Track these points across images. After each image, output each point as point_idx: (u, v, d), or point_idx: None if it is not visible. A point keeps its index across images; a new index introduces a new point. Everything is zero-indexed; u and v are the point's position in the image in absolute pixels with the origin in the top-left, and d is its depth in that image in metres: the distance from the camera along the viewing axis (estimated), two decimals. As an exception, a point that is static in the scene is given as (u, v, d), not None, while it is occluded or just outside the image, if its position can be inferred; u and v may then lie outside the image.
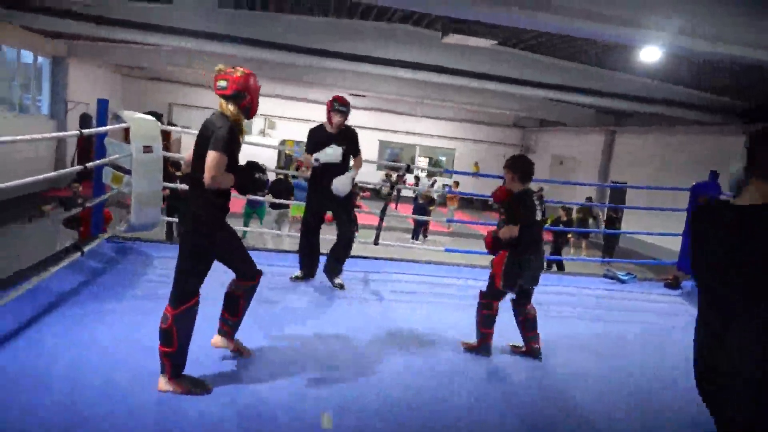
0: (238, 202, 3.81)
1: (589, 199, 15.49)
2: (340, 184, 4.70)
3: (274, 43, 10.06)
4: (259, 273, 3.15)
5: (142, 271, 4.84)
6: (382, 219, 6.11)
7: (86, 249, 4.52)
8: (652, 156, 15.33)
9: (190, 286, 2.84)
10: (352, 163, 4.92)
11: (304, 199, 5.12)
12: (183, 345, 2.80)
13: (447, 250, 6.65)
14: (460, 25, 6.43)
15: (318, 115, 21.70)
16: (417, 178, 19.88)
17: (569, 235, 12.71)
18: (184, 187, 7.88)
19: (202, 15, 9.81)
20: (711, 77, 10.24)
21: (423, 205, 13.84)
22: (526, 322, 3.83)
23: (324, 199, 4.86)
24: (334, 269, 4.99)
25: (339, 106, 4.69)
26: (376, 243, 6.03)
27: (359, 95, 18.59)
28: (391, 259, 6.38)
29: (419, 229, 13.75)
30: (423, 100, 16.94)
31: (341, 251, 4.96)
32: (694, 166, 13.47)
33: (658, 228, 8.47)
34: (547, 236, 12.32)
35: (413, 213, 13.67)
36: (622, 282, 6.53)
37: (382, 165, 21.52)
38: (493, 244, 3.70)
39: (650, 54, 8.21)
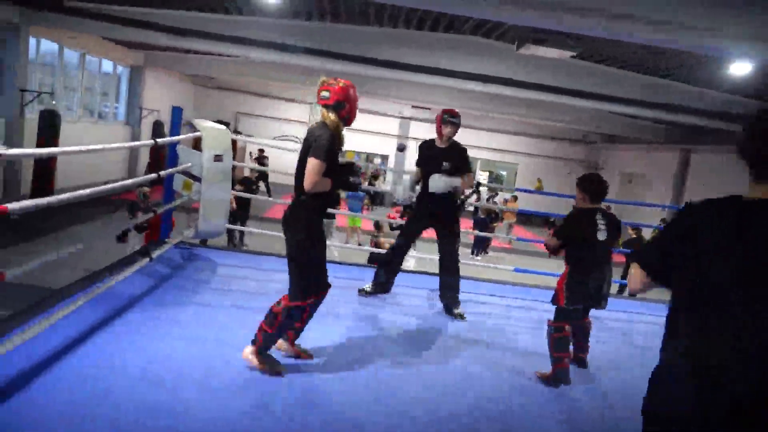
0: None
1: (663, 221, 14.71)
2: (434, 182, 4.50)
3: (339, 53, 10.11)
4: (327, 287, 3.24)
5: (206, 279, 4.87)
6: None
7: (155, 254, 4.56)
8: (732, 176, 14.37)
9: (302, 287, 3.08)
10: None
11: (359, 209, 5.08)
12: (279, 332, 3.09)
13: (517, 271, 6.35)
14: (538, 35, 6.19)
15: (380, 125, 22.02)
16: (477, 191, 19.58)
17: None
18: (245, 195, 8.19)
19: (271, 26, 10.00)
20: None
21: (484, 219, 13.54)
22: (579, 332, 3.81)
23: (425, 219, 4.75)
24: (452, 299, 4.69)
25: (450, 118, 4.55)
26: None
27: (423, 107, 18.55)
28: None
29: (480, 245, 13.44)
30: (488, 113, 16.65)
31: (453, 277, 4.68)
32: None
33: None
34: (621, 258, 11.79)
35: (473, 227, 13.38)
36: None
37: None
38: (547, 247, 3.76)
39: (740, 68, 7.68)
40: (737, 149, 1.55)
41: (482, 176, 23.73)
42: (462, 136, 4.79)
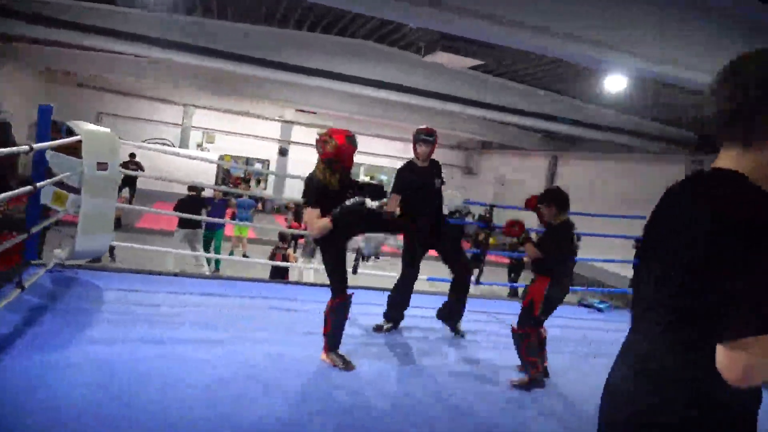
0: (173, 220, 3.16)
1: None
2: (455, 200, 4.72)
3: (215, 50, 9.38)
4: (343, 292, 3.59)
5: (91, 309, 4.15)
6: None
7: (27, 283, 3.79)
8: (594, 181, 15.73)
9: (335, 285, 3.57)
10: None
11: (249, 218, 4.72)
12: (335, 329, 3.61)
13: (430, 280, 6.23)
14: (448, 43, 6.18)
15: (261, 129, 21.16)
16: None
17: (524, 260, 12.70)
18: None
19: (145, 18, 9.04)
20: (659, 108, 10.56)
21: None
22: (541, 343, 3.82)
23: (426, 240, 4.52)
24: (458, 313, 4.62)
25: (425, 136, 4.40)
26: (354, 272, 5.57)
27: (308, 111, 18.14)
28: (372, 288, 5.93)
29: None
30: (373, 118, 16.65)
31: (464, 292, 4.56)
32: (638, 193, 13.96)
33: (613, 255, 8.47)
34: (506, 260, 12.31)
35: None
36: (600, 311, 6.40)
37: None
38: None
39: (615, 83, 8.30)
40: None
41: (365, 180, 23.81)
42: None
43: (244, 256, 11.57)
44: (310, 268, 8.29)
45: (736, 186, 1.19)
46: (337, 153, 3.37)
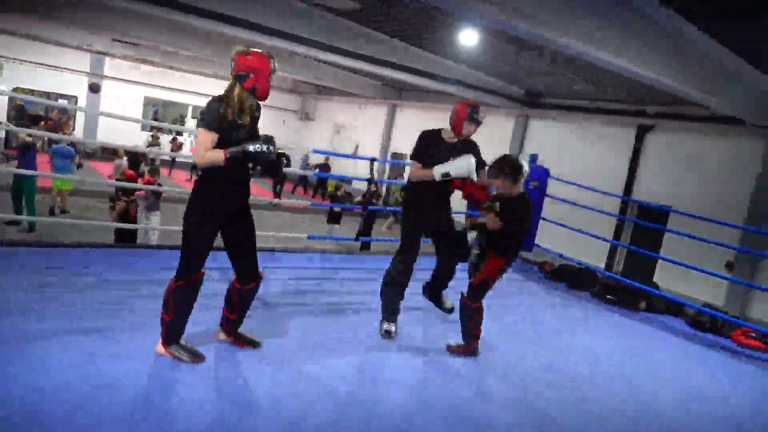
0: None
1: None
2: (463, 162, 3.70)
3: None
4: (258, 279, 3.14)
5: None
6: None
7: None
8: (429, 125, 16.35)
9: (185, 266, 2.89)
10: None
11: (69, 169, 3.82)
12: (178, 317, 2.93)
13: (310, 238, 5.83)
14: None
15: (69, 61, 18.16)
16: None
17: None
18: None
19: None
20: (499, 65, 11.10)
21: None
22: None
23: (426, 228, 4.04)
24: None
25: (477, 116, 3.93)
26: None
27: (126, 42, 15.93)
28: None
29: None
30: (205, 56, 15.08)
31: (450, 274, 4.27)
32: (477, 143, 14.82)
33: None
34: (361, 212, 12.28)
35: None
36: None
37: (149, 125, 18.88)
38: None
39: (468, 37, 8.45)
40: None
41: (192, 123, 21.91)
42: (173, 79, 3.91)
43: (63, 212, 9.97)
44: (152, 228, 7.31)
45: None
46: (251, 66, 2.83)
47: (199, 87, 20.15)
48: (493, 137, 14.19)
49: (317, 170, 17.64)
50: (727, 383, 4.14)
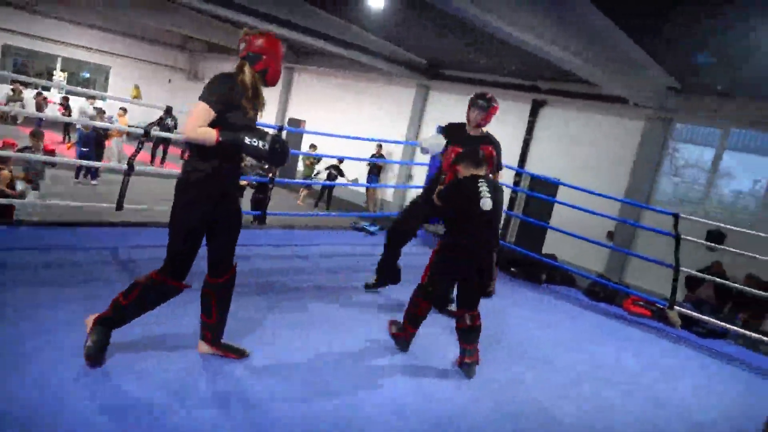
0: None
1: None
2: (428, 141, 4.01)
3: None
4: (231, 269, 2.80)
5: None
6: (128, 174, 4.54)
7: None
8: (330, 95, 15.99)
9: (169, 263, 2.62)
10: None
11: None
12: (130, 308, 2.61)
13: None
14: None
15: None
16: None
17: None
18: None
19: None
20: (402, 33, 10.96)
21: (94, 135, 11.34)
22: (461, 331, 3.29)
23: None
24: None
25: (477, 99, 4.09)
26: (119, 208, 4.47)
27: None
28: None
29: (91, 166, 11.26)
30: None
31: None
32: (376, 112, 14.68)
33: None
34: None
35: (79, 144, 11.20)
36: (372, 234, 6.56)
37: (9, 78, 16.66)
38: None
39: (375, 2, 8.21)
40: None
41: (61, 77, 19.67)
42: (38, 26, 3.42)
43: None
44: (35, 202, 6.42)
45: None
46: (265, 48, 2.66)
47: (72, 37, 18.10)
48: (394, 107, 14.18)
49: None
50: (616, 350, 4.41)
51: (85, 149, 11.20)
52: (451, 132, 4.20)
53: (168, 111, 13.77)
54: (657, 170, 9.78)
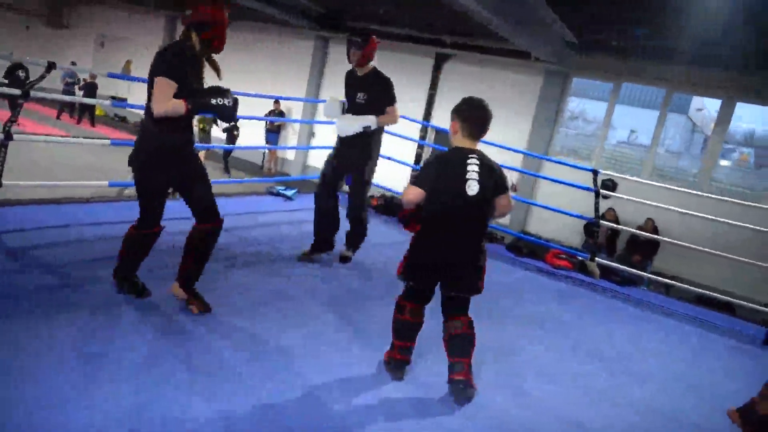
0: None
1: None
2: (341, 126, 4.03)
3: None
4: (219, 219, 3.01)
5: None
6: None
7: None
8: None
9: (141, 215, 2.93)
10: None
11: None
12: (128, 257, 2.99)
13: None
14: None
15: None
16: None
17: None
18: None
19: None
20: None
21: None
22: (449, 341, 2.63)
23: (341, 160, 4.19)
24: (357, 247, 4.43)
25: (350, 36, 4.00)
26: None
27: None
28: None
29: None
30: None
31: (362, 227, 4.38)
32: (271, 67, 13.83)
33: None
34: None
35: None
36: (291, 199, 6.21)
37: None
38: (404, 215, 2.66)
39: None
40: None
41: None
42: None
43: None
44: None
45: None
46: (212, 17, 2.72)
47: None
48: (293, 63, 13.44)
49: (84, 92, 14.83)
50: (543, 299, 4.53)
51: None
52: (346, 82, 4.17)
53: (50, 67, 12.01)
54: (555, 123, 10.19)
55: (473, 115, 2.61)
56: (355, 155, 4.11)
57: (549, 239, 8.35)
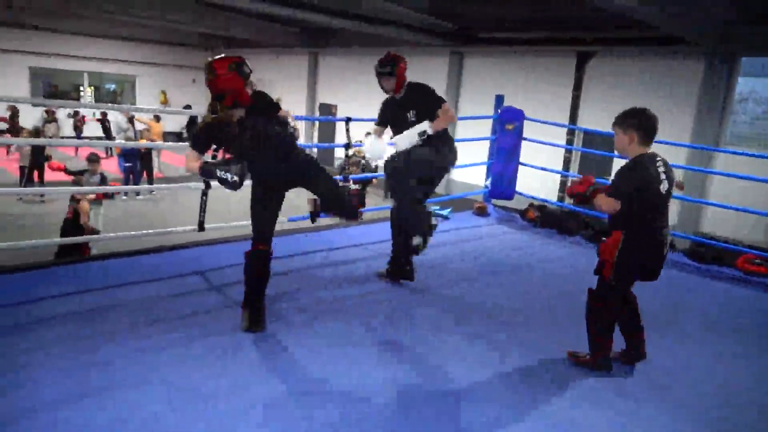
0: None
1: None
2: (398, 143, 3.81)
3: None
4: (248, 251, 3.22)
5: None
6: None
7: None
8: (357, 78, 15.41)
9: (253, 232, 3.28)
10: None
11: None
12: (249, 283, 3.23)
13: (291, 220, 5.01)
14: None
15: None
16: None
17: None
18: None
19: None
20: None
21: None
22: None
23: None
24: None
25: (378, 68, 3.86)
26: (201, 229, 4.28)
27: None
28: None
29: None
30: (94, 11, 13.25)
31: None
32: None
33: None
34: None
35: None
36: (446, 218, 6.28)
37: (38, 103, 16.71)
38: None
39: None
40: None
41: (88, 93, 19.69)
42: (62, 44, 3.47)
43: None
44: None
45: None
46: (225, 88, 2.95)
47: (95, 51, 18.05)
48: (428, 81, 13.61)
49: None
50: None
51: (128, 164, 11.14)
52: (384, 111, 4.07)
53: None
54: (723, 111, 9.17)
55: (645, 125, 2.82)
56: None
57: (727, 240, 7.48)
